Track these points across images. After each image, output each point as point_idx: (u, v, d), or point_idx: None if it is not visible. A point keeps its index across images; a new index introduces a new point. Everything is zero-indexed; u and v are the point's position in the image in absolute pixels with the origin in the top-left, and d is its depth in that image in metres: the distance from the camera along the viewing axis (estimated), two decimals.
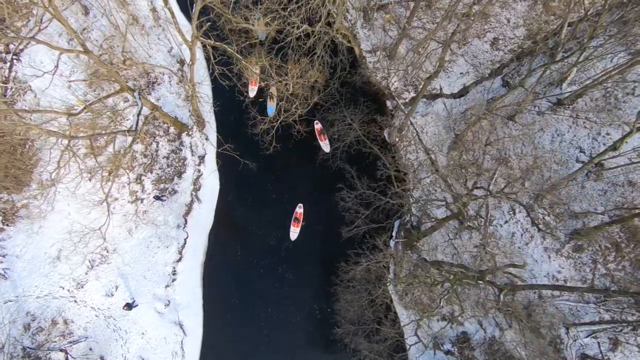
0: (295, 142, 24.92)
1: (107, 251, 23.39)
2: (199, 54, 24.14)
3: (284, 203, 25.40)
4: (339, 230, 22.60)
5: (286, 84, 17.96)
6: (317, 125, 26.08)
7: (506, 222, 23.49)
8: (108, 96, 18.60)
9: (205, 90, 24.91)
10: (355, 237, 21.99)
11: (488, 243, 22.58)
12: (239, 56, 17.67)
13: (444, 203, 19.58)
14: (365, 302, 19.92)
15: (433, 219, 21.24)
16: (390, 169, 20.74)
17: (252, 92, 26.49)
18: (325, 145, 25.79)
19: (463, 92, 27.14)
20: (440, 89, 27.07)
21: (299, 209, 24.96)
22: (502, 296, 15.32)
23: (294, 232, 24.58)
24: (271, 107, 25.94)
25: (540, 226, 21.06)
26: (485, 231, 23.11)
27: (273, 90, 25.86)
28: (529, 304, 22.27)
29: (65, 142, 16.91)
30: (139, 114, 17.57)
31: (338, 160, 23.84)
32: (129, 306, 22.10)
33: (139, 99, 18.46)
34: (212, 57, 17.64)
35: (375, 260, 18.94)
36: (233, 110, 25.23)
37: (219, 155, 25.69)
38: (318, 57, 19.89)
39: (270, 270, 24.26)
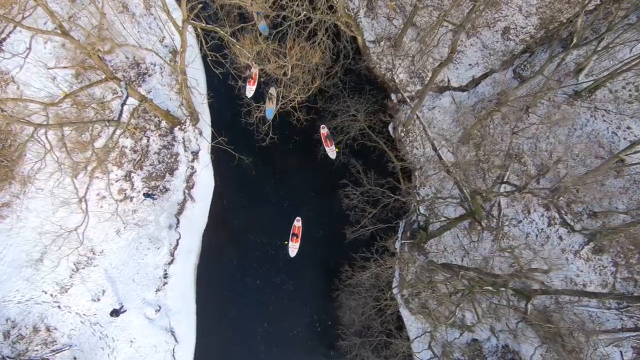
0: (295, 131, 23.22)
1: (94, 253, 21.92)
2: (191, 41, 22.65)
3: (283, 202, 23.92)
4: (343, 231, 21.08)
5: (284, 66, 16.38)
6: (324, 130, 24.37)
7: (520, 222, 21.98)
8: (91, 85, 17.14)
9: (198, 80, 23.41)
10: (361, 238, 20.48)
11: (508, 246, 21.16)
12: (232, 39, 16.18)
13: (457, 200, 18.02)
14: (371, 311, 18.36)
15: (445, 219, 19.71)
16: (396, 164, 19.22)
17: (250, 92, 24.89)
18: (331, 152, 24.07)
19: (472, 85, 25.66)
20: (448, 81, 25.60)
21: (297, 223, 23.17)
22: (529, 306, 13.74)
23: (293, 249, 22.84)
24: (270, 109, 24.37)
25: (576, 227, 19.49)
26: (499, 232, 21.65)
27: (272, 91, 24.44)
28: (544, 309, 20.79)
29: (47, 135, 15.51)
30: (123, 104, 16.12)
31: (341, 154, 22.30)
32: (116, 312, 20.61)
33: (125, 88, 17.00)
34: (203, 42, 16.17)
35: (387, 265, 17.37)
36: (228, 102, 23.73)
37: (213, 151, 24.21)
38: (320, 41, 18.35)
39: (267, 272, 22.79)
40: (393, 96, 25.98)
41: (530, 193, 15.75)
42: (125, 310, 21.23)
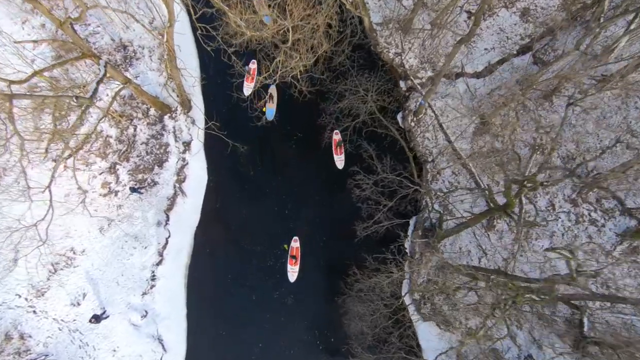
0: (296, 109, 21.16)
1: (74, 253, 19.93)
2: (182, 17, 20.66)
3: (282, 196, 21.84)
4: (353, 228, 18.95)
5: (285, 29, 14.18)
6: (337, 136, 21.94)
7: (543, 219, 19.92)
8: (64, 62, 15.14)
9: (189, 61, 21.37)
10: (374, 236, 18.38)
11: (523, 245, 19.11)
12: (224, 7, 14.17)
13: (484, 191, 15.93)
14: (386, 322, 16.20)
15: (469, 214, 17.66)
16: (409, 154, 17.16)
17: (248, 89, 22.79)
18: (340, 161, 21.75)
19: (488, 71, 23.64)
20: (462, 66, 23.57)
21: (295, 243, 20.84)
22: (586, 320, 11.48)
23: (293, 272, 20.45)
24: (271, 109, 22.46)
25: (608, 224, 17.38)
26: (520, 230, 19.58)
27: (273, 90, 22.52)
28: (571, 317, 18.76)
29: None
30: (99, 82, 14.10)
31: (348, 140, 20.02)
32: (97, 318, 18.59)
33: (104, 66, 15.00)
34: (192, 11, 14.15)
35: (414, 269, 15.24)
36: (222, 85, 21.61)
37: (207, 142, 22.21)
38: (324, 11, 16.26)
39: (264, 274, 20.73)
40: (402, 83, 23.97)
41: (584, 184, 13.48)
42: (107, 316, 19.23)
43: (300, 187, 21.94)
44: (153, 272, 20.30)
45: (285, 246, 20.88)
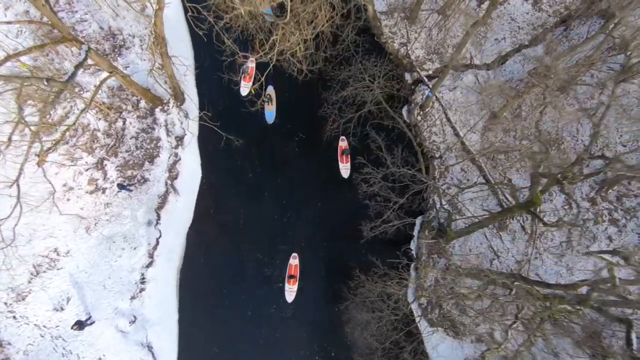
0: (296, 98, 19.82)
1: (58, 254, 18.63)
2: (172, 2, 19.39)
3: (283, 196, 20.55)
4: (359, 228, 17.65)
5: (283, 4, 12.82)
6: (343, 142, 20.52)
7: (560, 219, 18.67)
8: (43, 46, 13.93)
9: (180, 48, 20.10)
10: (382, 237, 17.07)
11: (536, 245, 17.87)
12: None
13: (505, 184, 14.60)
14: (397, 335, 14.83)
15: (485, 212, 16.37)
16: (417, 148, 15.87)
17: (245, 89, 21.39)
18: (345, 170, 20.32)
19: (498, 62, 22.40)
20: (471, 58, 22.31)
21: (293, 261, 19.34)
22: (634, 337, 10.02)
23: (291, 292, 18.97)
24: (270, 112, 21.20)
25: (629, 225, 16.16)
26: (534, 230, 18.35)
27: (271, 92, 21.33)
28: (591, 323, 17.48)
29: None
30: (77, 66, 12.83)
31: (351, 133, 18.61)
32: (81, 325, 17.28)
33: (86, 51, 13.73)
34: None
35: (422, 272, 13.93)
36: (216, 73, 20.24)
37: (201, 136, 20.99)
38: None
39: (261, 283, 19.41)
40: (407, 75, 22.72)
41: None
42: (93, 322, 17.93)
43: (301, 186, 20.68)
44: (143, 274, 19.01)
45: (281, 284, 19.11)
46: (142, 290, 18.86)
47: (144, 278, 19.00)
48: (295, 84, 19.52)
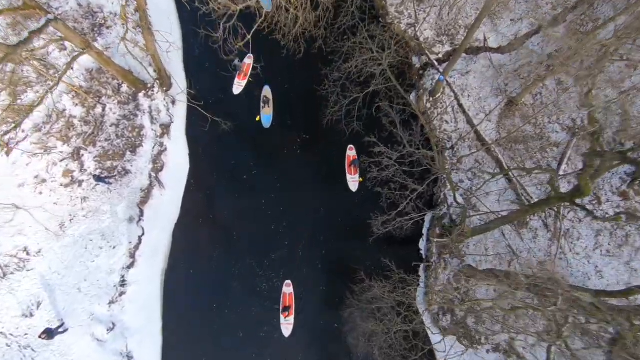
0: (291, 76, 18.05)
1: (27, 253, 16.75)
2: None
3: (278, 190, 18.67)
4: (368, 222, 15.69)
5: None
6: (351, 152, 18.70)
7: (586, 216, 16.77)
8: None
9: (164, 22, 18.22)
10: (397, 234, 15.09)
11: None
12: None
13: (545, 169, 12.66)
14: (406, 344, 12.97)
15: (516, 203, 14.45)
16: (430, 134, 13.95)
17: (238, 88, 19.48)
18: (354, 182, 18.40)
19: (514, 45, 20.50)
20: (485, 40, 20.43)
21: (287, 289, 17.10)
22: None
23: (287, 325, 16.69)
24: (267, 116, 19.22)
25: None
26: (558, 229, 16.47)
27: (267, 92, 19.39)
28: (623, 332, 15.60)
29: None
30: (33, 32, 10.97)
31: (356, 117, 16.55)
32: (50, 333, 15.37)
33: (49, 19, 11.87)
34: None
35: (432, 274, 12.01)
36: (206, 55, 18.44)
37: (190, 124, 19.15)
38: None
39: (253, 296, 17.50)
40: (415, 59, 20.85)
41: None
42: (65, 330, 16.05)
43: (298, 173, 18.81)
44: (123, 276, 17.13)
45: (258, 118, 16.96)
46: (122, 294, 16.98)
47: (124, 280, 17.12)
48: (292, 66, 17.66)
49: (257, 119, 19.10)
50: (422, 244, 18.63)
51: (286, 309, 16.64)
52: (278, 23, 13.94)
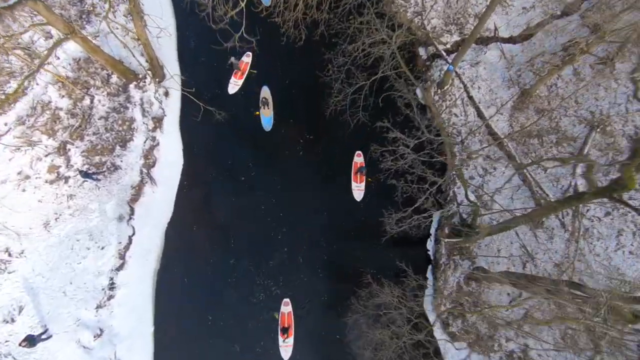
0: (290, 61, 16.95)
1: (9, 254, 15.69)
2: None
3: (278, 192, 17.57)
4: (373, 224, 14.67)
5: None
6: (359, 159, 17.53)
7: (607, 213, 15.72)
8: None
9: (154, 9, 17.15)
10: (413, 233, 13.95)
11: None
12: None
13: (584, 159, 11.56)
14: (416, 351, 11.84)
15: (537, 198, 13.37)
16: (440, 125, 12.88)
17: (234, 87, 18.36)
18: (359, 191, 17.27)
19: (526, 35, 19.47)
20: (495, 29, 19.36)
21: (286, 308, 15.85)
22: None
23: (287, 347, 15.46)
24: (267, 117, 18.11)
25: None
26: (577, 228, 15.41)
27: (266, 94, 18.26)
28: None
29: None
30: (4, 7, 9.89)
31: (362, 106, 15.37)
32: (32, 341, 14.28)
33: None
34: None
35: (441, 277, 11.03)
36: (202, 48, 17.44)
37: (184, 117, 18.09)
38: None
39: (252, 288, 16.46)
40: (422, 50, 19.80)
41: None
42: (49, 336, 14.99)
43: (299, 174, 17.76)
44: (112, 279, 16.07)
45: (275, 315, 15.86)
46: (110, 297, 15.92)
47: (113, 283, 16.05)
48: (292, 54, 16.58)
49: (257, 113, 18.04)
50: (429, 245, 17.58)
51: (285, 330, 15.35)
52: (278, 6, 12.86)
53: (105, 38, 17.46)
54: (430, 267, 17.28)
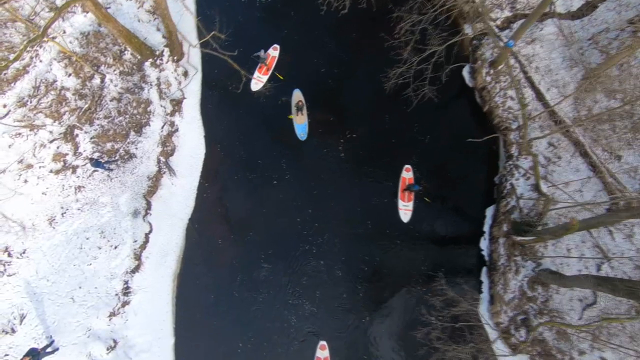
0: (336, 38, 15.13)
1: (9, 255, 13.65)
2: None
3: (313, 200, 15.36)
4: (423, 232, 13.17)
5: None
6: (408, 174, 15.68)
7: None
8: None
9: None
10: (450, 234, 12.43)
11: None
12: None
13: None
14: None
15: (613, 191, 11.36)
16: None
17: (258, 83, 16.03)
18: (407, 211, 15.33)
19: (586, 10, 17.46)
20: (552, 4, 17.33)
21: (322, 352, 13.62)
22: None
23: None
24: (301, 125, 15.82)
25: None
26: None
27: (299, 97, 15.81)
28: None
29: None
30: None
31: (428, 80, 12.96)
32: (35, 355, 12.24)
33: None
34: None
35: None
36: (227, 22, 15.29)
37: (205, 99, 16.01)
38: None
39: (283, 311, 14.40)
40: (468, 27, 17.79)
41: None
42: (55, 350, 12.96)
43: (339, 179, 15.51)
44: (126, 283, 14.05)
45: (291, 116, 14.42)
46: (125, 304, 13.90)
47: (128, 287, 14.04)
48: (333, 28, 14.47)
49: (290, 117, 15.83)
50: (483, 244, 15.59)
51: None
52: None
53: (118, 10, 15.43)
54: (484, 269, 15.32)
